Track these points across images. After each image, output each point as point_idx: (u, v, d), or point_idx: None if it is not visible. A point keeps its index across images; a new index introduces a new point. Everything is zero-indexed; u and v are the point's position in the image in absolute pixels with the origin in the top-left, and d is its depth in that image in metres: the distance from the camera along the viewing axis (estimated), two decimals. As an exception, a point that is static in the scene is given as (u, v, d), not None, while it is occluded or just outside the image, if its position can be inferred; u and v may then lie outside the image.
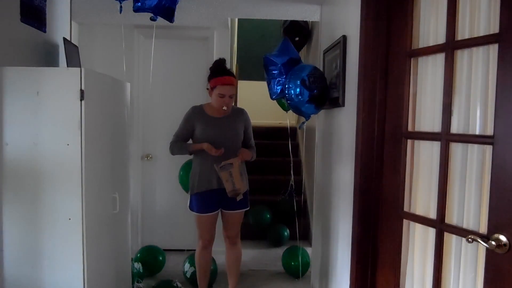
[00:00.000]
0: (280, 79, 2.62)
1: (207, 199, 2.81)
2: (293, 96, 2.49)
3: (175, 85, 4.16)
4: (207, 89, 2.83)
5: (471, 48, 1.45)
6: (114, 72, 2.70)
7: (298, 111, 2.58)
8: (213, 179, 2.76)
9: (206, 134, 2.76)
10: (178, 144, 2.84)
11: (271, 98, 2.76)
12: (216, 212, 2.86)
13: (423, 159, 1.71)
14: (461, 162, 1.49)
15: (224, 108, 2.75)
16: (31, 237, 2.00)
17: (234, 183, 2.70)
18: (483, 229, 1.38)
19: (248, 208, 2.94)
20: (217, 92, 2.71)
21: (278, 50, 2.69)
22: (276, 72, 2.62)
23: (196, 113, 2.83)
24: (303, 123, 2.73)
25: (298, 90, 2.45)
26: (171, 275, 3.47)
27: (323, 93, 2.49)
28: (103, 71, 2.32)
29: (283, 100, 2.86)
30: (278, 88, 2.65)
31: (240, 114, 2.90)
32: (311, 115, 2.62)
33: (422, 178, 1.71)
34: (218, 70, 2.75)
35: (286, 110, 3.15)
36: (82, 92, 1.95)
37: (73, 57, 2.49)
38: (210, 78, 2.77)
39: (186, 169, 3.51)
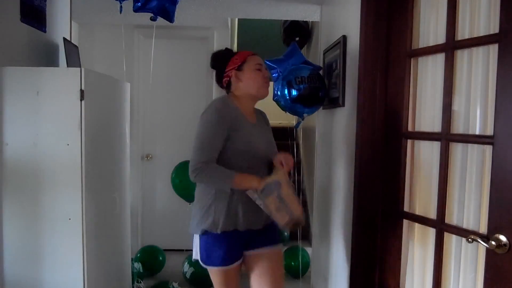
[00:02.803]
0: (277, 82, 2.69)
1: (232, 241, 1.85)
2: (280, 96, 2.57)
3: (175, 85, 4.17)
4: (225, 78, 1.93)
5: (471, 48, 1.45)
6: (114, 72, 2.70)
7: (288, 110, 2.65)
8: (262, 215, 1.84)
9: (250, 147, 1.85)
10: (215, 169, 1.75)
11: (272, 99, 2.80)
12: (241, 259, 1.95)
13: (423, 159, 1.71)
14: (461, 162, 1.49)
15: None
16: (31, 237, 2.00)
17: (291, 210, 1.72)
18: (483, 229, 1.38)
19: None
20: (253, 65, 1.88)
21: (284, 55, 2.74)
22: (275, 75, 2.68)
23: (232, 111, 1.84)
24: (299, 122, 2.75)
25: (283, 90, 2.54)
26: (171, 275, 3.47)
27: (311, 93, 2.53)
28: (103, 71, 2.32)
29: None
30: (278, 91, 2.71)
31: (264, 117, 2.14)
32: (308, 115, 2.67)
33: (422, 178, 1.71)
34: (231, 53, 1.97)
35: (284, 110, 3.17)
36: (82, 92, 1.95)
37: (73, 57, 2.49)
38: (227, 61, 1.91)
39: (180, 172, 3.29)
